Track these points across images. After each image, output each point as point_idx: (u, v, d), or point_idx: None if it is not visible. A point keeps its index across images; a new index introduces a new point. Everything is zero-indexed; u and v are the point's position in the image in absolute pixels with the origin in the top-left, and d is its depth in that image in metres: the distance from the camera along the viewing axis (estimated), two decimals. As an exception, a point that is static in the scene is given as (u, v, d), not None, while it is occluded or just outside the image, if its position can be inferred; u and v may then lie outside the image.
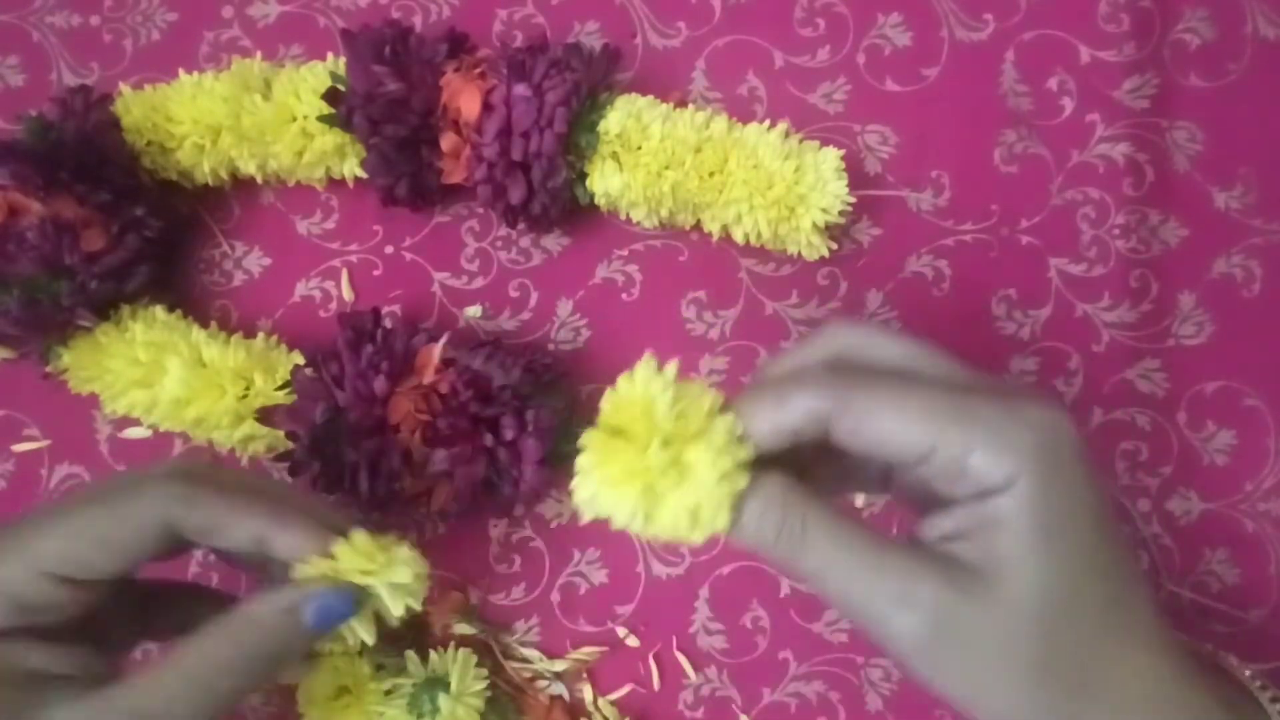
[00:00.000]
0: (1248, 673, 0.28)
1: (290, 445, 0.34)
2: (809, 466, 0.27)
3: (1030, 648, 0.23)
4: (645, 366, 0.25)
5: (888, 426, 0.23)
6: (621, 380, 0.25)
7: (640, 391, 0.25)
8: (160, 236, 0.38)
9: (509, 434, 0.35)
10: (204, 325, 0.39)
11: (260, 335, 0.39)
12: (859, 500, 0.39)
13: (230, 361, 0.36)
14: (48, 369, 0.38)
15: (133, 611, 0.30)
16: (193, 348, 0.37)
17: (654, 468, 0.24)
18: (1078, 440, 0.24)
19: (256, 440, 0.37)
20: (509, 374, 0.35)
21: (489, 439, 0.35)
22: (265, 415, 0.35)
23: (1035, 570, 0.23)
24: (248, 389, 0.36)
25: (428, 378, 0.35)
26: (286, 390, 0.35)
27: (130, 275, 0.37)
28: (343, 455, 0.33)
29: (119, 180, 0.37)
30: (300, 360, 0.37)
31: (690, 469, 0.24)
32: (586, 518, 0.25)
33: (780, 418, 0.24)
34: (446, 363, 0.35)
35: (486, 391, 0.35)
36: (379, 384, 0.33)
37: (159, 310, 0.38)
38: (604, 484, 0.24)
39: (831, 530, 0.24)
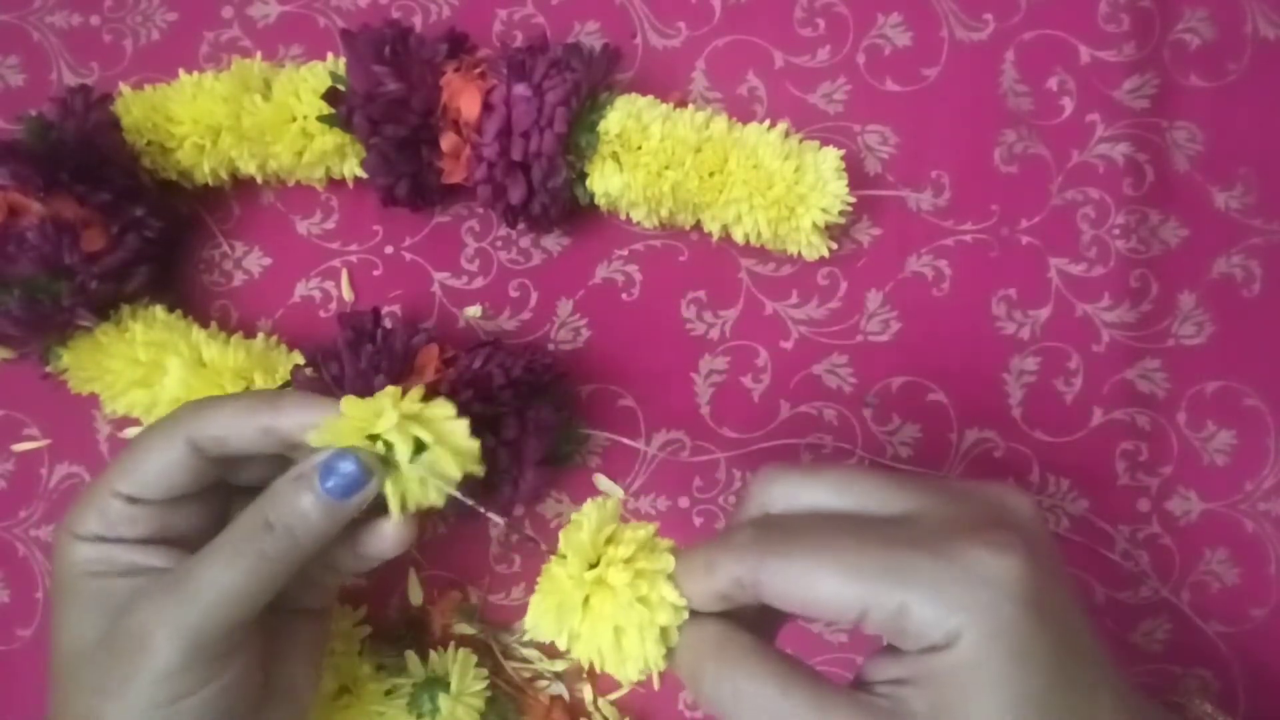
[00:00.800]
0: None
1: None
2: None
3: None
4: (592, 501, 0.27)
5: (815, 591, 0.23)
6: (573, 514, 0.27)
7: (577, 518, 0.26)
8: (160, 237, 0.38)
9: (509, 434, 0.35)
10: (204, 325, 0.39)
11: (260, 335, 0.39)
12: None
13: (230, 361, 0.36)
14: (47, 369, 0.38)
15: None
16: (193, 348, 0.37)
17: (572, 581, 0.25)
18: (1033, 580, 0.22)
19: (256, 440, 0.37)
20: (509, 374, 0.35)
21: (489, 439, 0.35)
22: (265, 415, 0.35)
23: None
24: (247, 389, 0.36)
25: (428, 378, 0.35)
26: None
27: (130, 275, 0.37)
28: (343, 455, 0.33)
29: (119, 180, 0.37)
30: (300, 360, 0.37)
31: (611, 589, 0.25)
32: (530, 637, 0.26)
33: (708, 583, 0.24)
34: (446, 363, 0.35)
35: (486, 391, 0.35)
36: (379, 384, 0.33)
37: (159, 310, 0.38)
38: (536, 602, 0.26)
39: (768, 691, 0.23)
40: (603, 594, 0.25)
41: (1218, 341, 0.39)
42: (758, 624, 0.26)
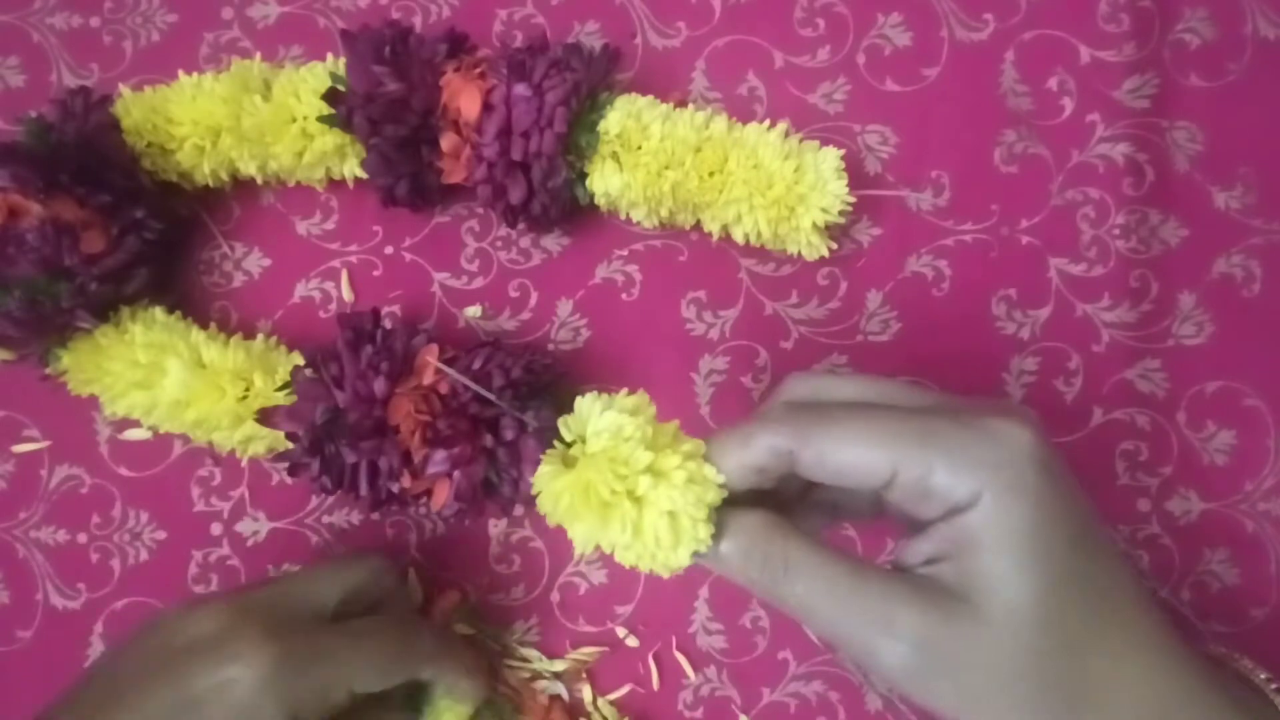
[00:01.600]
0: (1263, 675, 0.27)
1: (290, 446, 0.34)
2: (793, 504, 0.28)
3: (1019, 664, 0.23)
4: (619, 400, 0.27)
5: (848, 454, 0.24)
6: (585, 402, 0.27)
7: (613, 417, 0.26)
8: (160, 238, 0.38)
9: (509, 434, 0.35)
10: (204, 326, 0.39)
11: (260, 336, 0.39)
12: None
13: (230, 363, 0.36)
14: (47, 371, 0.38)
15: None
16: (192, 349, 0.37)
17: (635, 476, 0.25)
18: (1045, 449, 0.24)
19: (256, 441, 0.37)
20: (509, 374, 0.35)
21: (489, 439, 0.35)
22: (265, 416, 0.35)
23: (1013, 584, 0.23)
24: (247, 390, 0.36)
25: (427, 378, 0.34)
26: (286, 391, 0.35)
27: (130, 277, 0.37)
28: (342, 456, 0.33)
29: (119, 182, 0.37)
30: (300, 361, 0.37)
31: (663, 475, 0.25)
32: (584, 548, 0.26)
33: (745, 456, 0.25)
34: (446, 363, 0.35)
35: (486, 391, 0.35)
36: (379, 384, 0.33)
37: (159, 312, 0.38)
38: (589, 507, 0.26)
39: (813, 562, 0.24)
40: (656, 484, 0.25)
41: (1218, 341, 0.39)
42: None
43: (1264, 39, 0.41)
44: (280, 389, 0.36)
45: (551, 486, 0.26)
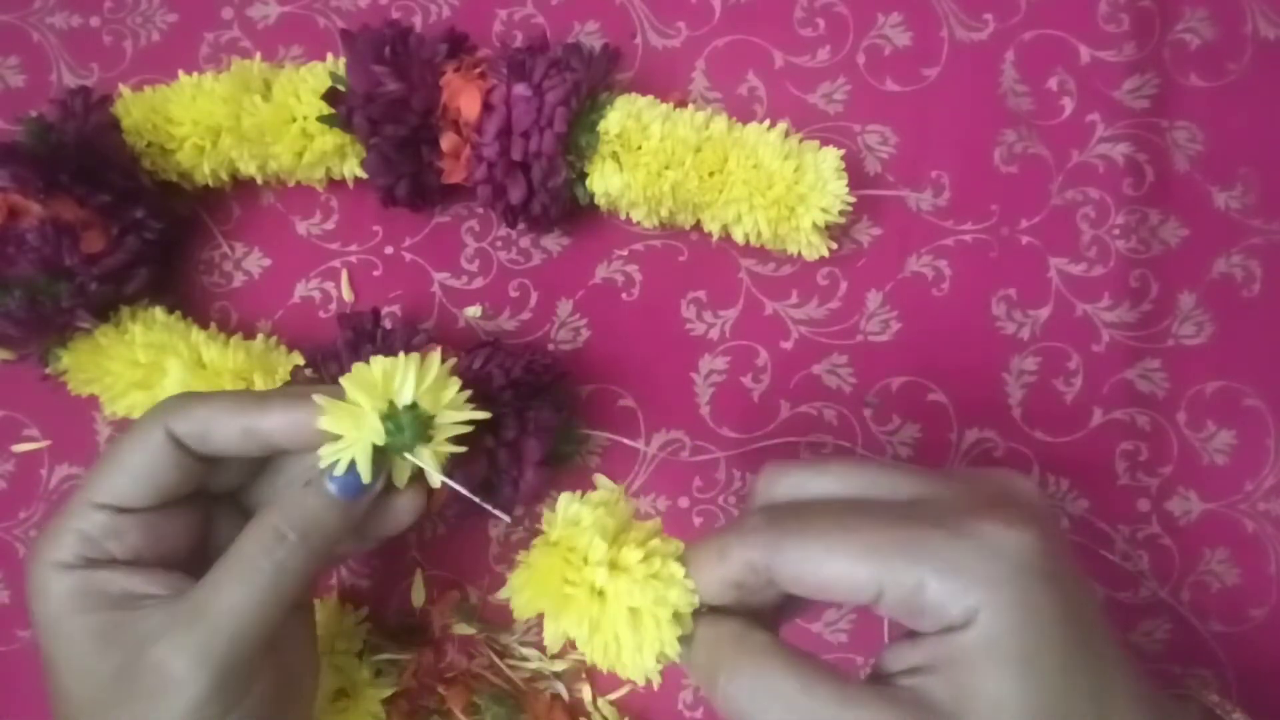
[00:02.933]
0: (1236, 716, 0.27)
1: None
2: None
3: None
4: (589, 495, 0.27)
5: (829, 572, 0.22)
6: (562, 497, 0.27)
7: (574, 509, 0.26)
8: (160, 238, 0.38)
9: (509, 434, 0.35)
10: (204, 326, 0.39)
11: (260, 336, 0.39)
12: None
13: (230, 363, 0.36)
14: (47, 370, 0.38)
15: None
16: (192, 349, 0.37)
17: (594, 571, 0.25)
18: (1048, 554, 0.22)
19: (256, 441, 0.37)
20: (509, 374, 0.35)
21: (489, 439, 0.35)
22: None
23: (1012, 707, 0.21)
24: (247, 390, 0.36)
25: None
26: (286, 391, 0.35)
27: (130, 277, 0.37)
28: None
29: (119, 182, 0.37)
30: (300, 361, 0.37)
31: (624, 569, 0.25)
32: (551, 642, 0.26)
33: (721, 571, 0.24)
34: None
35: (486, 391, 0.35)
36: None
37: (158, 312, 0.38)
38: (546, 596, 0.25)
39: (791, 682, 0.23)
40: (615, 577, 0.25)
41: (1218, 341, 0.39)
42: (761, 621, 0.26)
43: (1264, 39, 0.41)
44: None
45: (515, 579, 0.26)
